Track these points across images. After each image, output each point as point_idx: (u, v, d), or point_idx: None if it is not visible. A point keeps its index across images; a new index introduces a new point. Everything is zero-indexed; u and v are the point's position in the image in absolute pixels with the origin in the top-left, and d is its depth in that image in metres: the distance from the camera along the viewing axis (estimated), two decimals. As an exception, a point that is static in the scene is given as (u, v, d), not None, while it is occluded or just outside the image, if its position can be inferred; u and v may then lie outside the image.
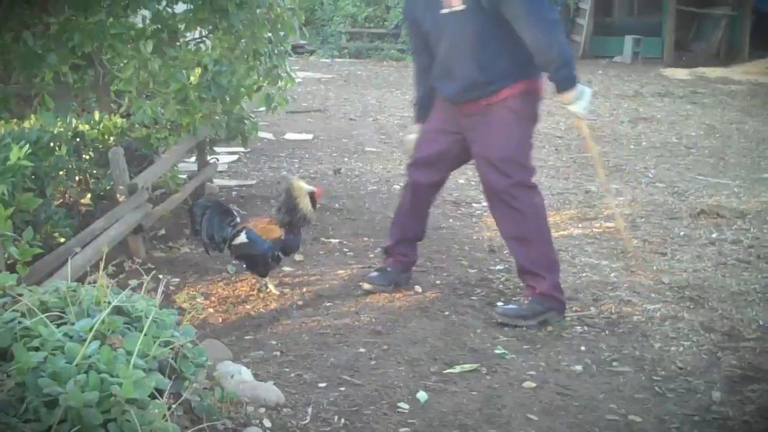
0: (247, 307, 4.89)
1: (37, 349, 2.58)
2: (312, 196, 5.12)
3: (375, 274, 5.17)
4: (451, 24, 4.56)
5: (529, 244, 4.74)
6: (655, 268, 5.60)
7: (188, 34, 6.55)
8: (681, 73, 15.83)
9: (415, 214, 5.17)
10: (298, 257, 5.64)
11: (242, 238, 5.05)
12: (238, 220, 5.20)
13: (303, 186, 5.11)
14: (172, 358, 2.87)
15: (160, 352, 2.75)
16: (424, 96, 5.04)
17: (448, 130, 4.86)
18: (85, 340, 2.60)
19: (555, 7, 4.23)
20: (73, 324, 2.80)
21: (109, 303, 2.89)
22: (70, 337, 2.69)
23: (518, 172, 4.66)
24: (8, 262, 3.96)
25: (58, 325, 2.76)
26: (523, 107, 4.65)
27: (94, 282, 3.20)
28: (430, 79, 4.92)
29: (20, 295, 2.89)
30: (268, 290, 5.12)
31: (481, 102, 4.65)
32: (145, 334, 2.71)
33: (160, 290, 3.24)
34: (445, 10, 4.55)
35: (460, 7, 4.50)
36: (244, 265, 5.18)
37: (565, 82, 4.44)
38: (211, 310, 4.83)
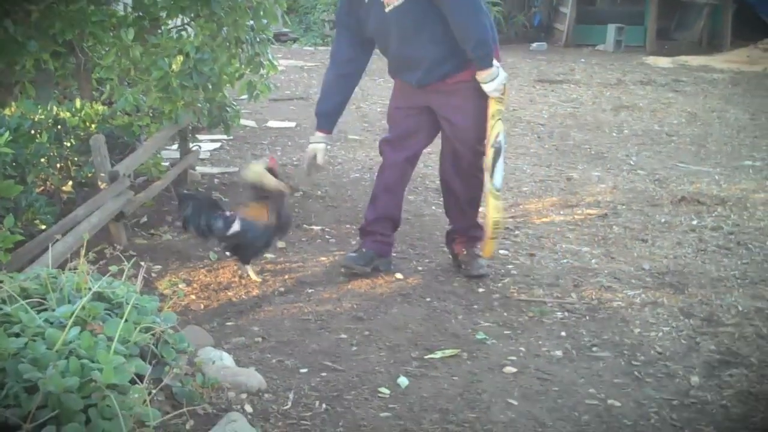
0: (229, 293, 4.89)
1: (17, 335, 2.58)
2: (271, 171, 5.07)
3: (353, 254, 5.21)
4: (395, 19, 4.81)
5: (479, 203, 5.31)
6: (635, 254, 5.63)
7: (170, 22, 6.51)
8: (663, 62, 15.86)
9: (392, 193, 5.28)
10: (280, 244, 5.65)
11: (236, 226, 5.01)
12: (227, 214, 5.21)
13: (257, 169, 5.07)
14: (153, 344, 2.88)
15: (141, 338, 2.76)
16: (337, 105, 5.19)
17: (416, 105, 5.10)
18: (65, 326, 2.61)
19: None
20: (53, 310, 2.80)
21: (90, 289, 2.90)
22: (51, 323, 2.70)
23: (482, 146, 5.02)
24: (-11, 248, 3.95)
25: (39, 312, 2.77)
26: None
27: (75, 268, 3.20)
28: (389, 72, 5.19)
29: (1, 281, 2.89)
30: (248, 276, 5.14)
31: (448, 81, 4.93)
32: (126, 320, 2.72)
33: (140, 276, 3.25)
34: (388, 9, 4.78)
35: (399, 1, 4.75)
36: (228, 253, 5.21)
37: (482, 61, 4.78)
38: (192, 296, 4.84)
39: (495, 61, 4.81)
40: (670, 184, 7.47)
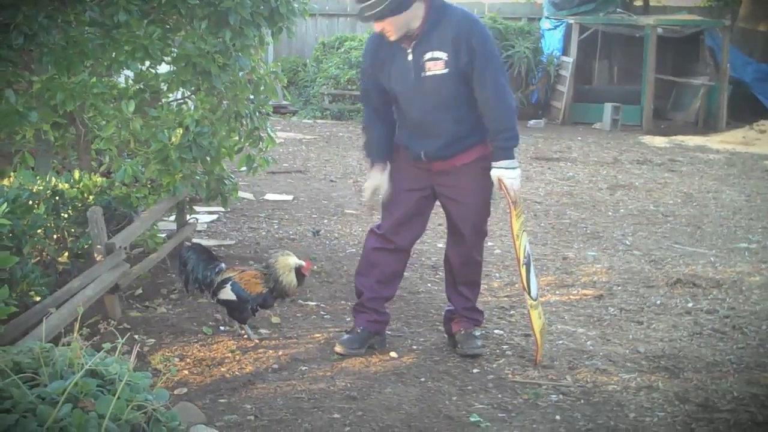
0: (223, 369, 4.87)
1: (8, 411, 2.56)
2: (299, 270, 5.27)
3: (347, 337, 5.18)
4: (430, 86, 4.81)
5: (478, 286, 5.40)
6: (630, 336, 5.62)
7: (170, 95, 6.58)
8: (659, 141, 15.96)
9: (396, 275, 5.34)
10: (275, 320, 5.63)
11: (228, 293, 5.23)
12: (222, 265, 5.42)
13: (289, 262, 5.25)
14: (145, 422, 2.86)
15: (132, 416, 2.74)
16: (380, 136, 5.16)
17: (418, 187, 5.09)
18: (57, 403, 2.59)
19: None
20: (45, 386, 2.78)
21: (83, 365, 2.88)
22: (43, 399, 2.68)
23: (486, 227, 5.26)
24: (-17, 320, 3.94)
25: (31, 387, 2.75)
26: (489, 165, 4.96)
27: (69, 344, 3.19)
28: (396, 140, 5.13)
29: (-7, 355, 2.88)
30: (245, 334, 5.28)
31: (455, 161, 4.96)
32: (118, 398, 2.70)
33: (134, 353, 3.23)
34: (427, 73, 4.78)
35: (443, 71, 4.76)
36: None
37: (508, 151, 4.87)
38: (186, 371, 4.81)
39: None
40: (665, 266, 7.47)
